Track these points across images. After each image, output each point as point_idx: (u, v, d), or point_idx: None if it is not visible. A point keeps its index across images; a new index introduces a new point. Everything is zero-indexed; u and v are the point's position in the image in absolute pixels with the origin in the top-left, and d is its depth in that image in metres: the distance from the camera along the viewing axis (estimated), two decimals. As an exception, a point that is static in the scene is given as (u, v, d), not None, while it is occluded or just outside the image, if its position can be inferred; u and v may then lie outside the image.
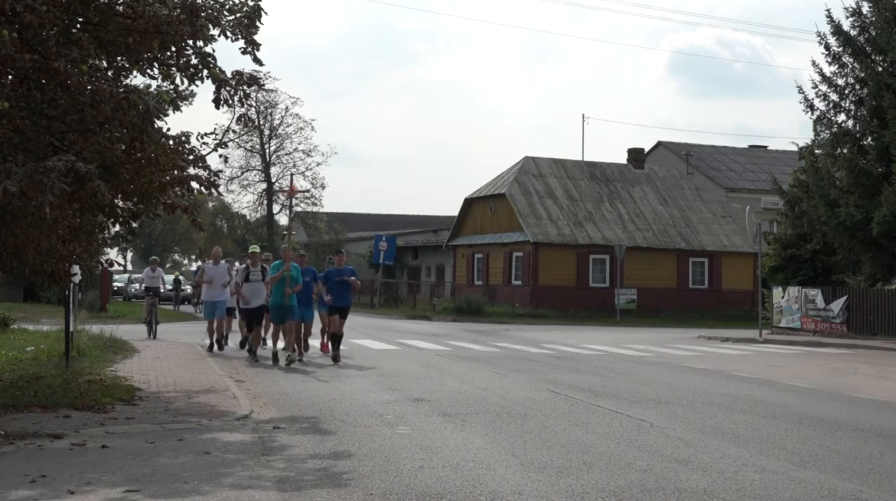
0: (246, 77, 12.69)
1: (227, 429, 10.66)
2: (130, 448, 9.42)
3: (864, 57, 31.64)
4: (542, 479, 8.09)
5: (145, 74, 12.83)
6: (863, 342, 27.93)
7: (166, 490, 7.58)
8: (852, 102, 32.30)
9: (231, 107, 13.12)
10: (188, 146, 12.94)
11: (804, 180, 33.47)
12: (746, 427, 11.28)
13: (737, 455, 9.41)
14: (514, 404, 12.91)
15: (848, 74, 32.32)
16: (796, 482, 8.17)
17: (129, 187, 12.68)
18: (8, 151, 10.85)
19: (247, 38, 12.38)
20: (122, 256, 69.53)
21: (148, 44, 11.92)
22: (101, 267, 16.42)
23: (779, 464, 8.94)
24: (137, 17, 11.71)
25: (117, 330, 22.68)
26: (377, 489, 7.62)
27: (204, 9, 12.04)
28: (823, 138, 32.71)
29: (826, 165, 32.07)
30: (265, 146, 67.87)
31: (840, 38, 32.19)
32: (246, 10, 12.36)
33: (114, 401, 12.37)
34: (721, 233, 51.00)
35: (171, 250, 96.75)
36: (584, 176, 51.72)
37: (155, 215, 13.71)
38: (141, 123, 11.69)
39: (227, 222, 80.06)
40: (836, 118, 32.49)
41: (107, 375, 15.25)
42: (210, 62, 12.30)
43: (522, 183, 49.40)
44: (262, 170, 68.32)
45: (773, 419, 12.09)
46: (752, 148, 66.77)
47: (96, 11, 11.88)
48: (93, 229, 14.00)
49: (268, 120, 67.05)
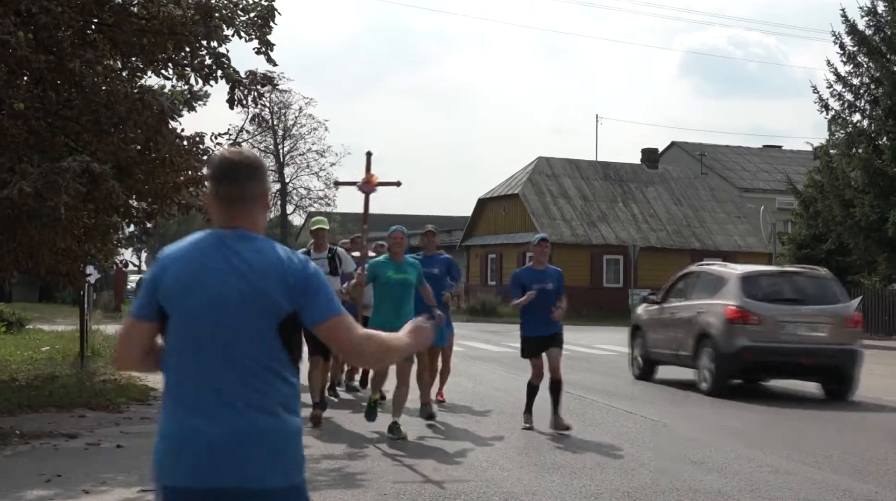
0: (260, 77, 12.71)
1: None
2: (145, 447, 9.41)
3: (880, 56, 31.55)
4: (555, 480, 8.08)
5: (160, 74, 12.86)
6: (878, 343, 27.78)
7: (180, 490, 7.58)
8: (867, 101, 32.21)
9: (245, 107, 13.14)
10: (202, 147, 12.96)
11: (819, 180, 33.39)
12: (760, 428, 11.25)
13: (751, 455, 9.38)
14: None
15: (863, 74, 32.24)
16: (811, 482, 8.14)
17: (144, 188, 12.70)
18: (23, 152, 10.89)
19: (260, 39, 12.40)
20: (136, 256, 69.82)
21: (162, 44, 11.96)
22: (115, 267, 16.41)
23: (793, 465, 8.91)
24: (152, 18, 11.74)
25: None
26: (391, 489, 7.62)
27: (218, 9, 12.06)
28: (838, 138, 32.63)
29: (841, 165, 31.96)
30: (279, 147, 67.93)
31: (855, 38, 32.10)
32: (260, 10, 12.38)
33: (129, 401, 12.41)
34: (735, 233, 50.84)
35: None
36: (598, 176, 51.63)
37: (169, 215, 13.73)
38: (155, 123, 11.71)
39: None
40: (851, 118, 32.43)
41: (121, 375, 15.28)
42: (224, 62, 12.32)
43: (536, 183, 49.35)
44: (275, 170, 68.38)
45: (787, 420, 12.05)
46: (767, 148, 66.51)
47: (111, 12, 11.92)
48: (107, 229, 14.04)
49: (281, 120, 67.10)
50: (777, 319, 14.16)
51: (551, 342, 10.79)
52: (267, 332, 3.21)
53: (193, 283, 3.22)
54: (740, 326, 14.13)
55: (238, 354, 3.19)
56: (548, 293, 10.71)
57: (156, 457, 3.23)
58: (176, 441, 3.19)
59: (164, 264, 3.30)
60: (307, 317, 3.27)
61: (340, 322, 3.32)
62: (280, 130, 67.83)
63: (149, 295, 3.29)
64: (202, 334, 3.20)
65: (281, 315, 3.21)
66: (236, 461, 3.13)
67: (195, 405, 3.18)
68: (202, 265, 3.25)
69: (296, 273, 3.24)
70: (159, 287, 3.26)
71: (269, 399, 3.19)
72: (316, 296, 3.27)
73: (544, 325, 10.74)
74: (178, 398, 3.26)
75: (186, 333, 3.22)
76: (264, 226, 3.44)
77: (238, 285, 3.19)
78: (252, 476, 3.13)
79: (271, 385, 3.20)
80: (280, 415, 3.20)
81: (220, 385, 3.18)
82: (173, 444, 3.19)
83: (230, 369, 3.18)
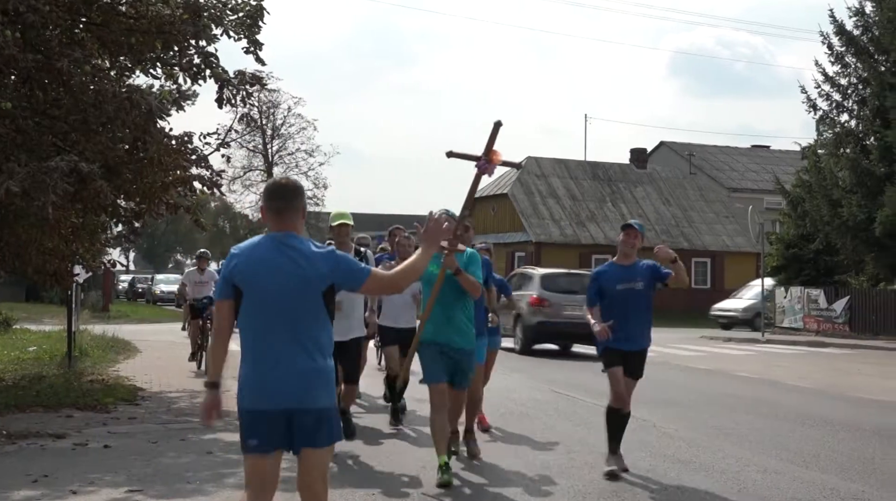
0: (248, 77, 12.70)
1: (229, 429, 10.60)
2: (133, 448, 9.41)
3: (868, 57, 31.60)
4: (544, 479, 8.09)
5: (148, 73, 12.84)
6: (865, 343, 27.88)
7: (169, 490, 7.58)
8: (855, 101, 32.26)
9: (234, 107, 13.13)
10: (191, 146, 12.93)
11: (807, 180, 33.43)
12: (748, 428, 11.26)
13: (739, 455, 9.40)
14: (518, 404, 12.90)
15: (851, 74, 32.28)
16: (799, 481, 8.16)
17: (132, 187, 12.67)
18: (11, 152, 10.86)
19: (249, 38, 12.39)
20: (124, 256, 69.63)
21: (151, 44, 11.93)
22: (103, 267, 16.31)
23: (781, 464, 8.93)
24: (140, 17, 11.72)
25: (120, 330, 22.69)
26: (378, 488, 7.62)
27: (206, 8, 12.05)
28: (826, 138, 32.67)
29: (829, 165, 32.00)
30: (268, 146, 67.79)
31: (843, 38, 32.15)
32: (248, 9, 12.37)
33: (116, 401, 12.37)
34: (724, 233, 50.95)
35: (173, 251, 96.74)
36: (587, 176, 51.67)
37: (157, 215, 13.70)
38: (144, 123, 11.69)
39: (229, 222, 79.98)
40: (838, 118, 32.46)
41: (109, 375, 15.26)
42: (213, 62, 12.30)
43: (525, 183, 49.36)
44: (264, 170, 68.22)
45: (776, 419, 12.07)
46: (755, 148, 66.61)
47: (99, 11, 11.89)
48: (95, 229, 14.00)
49: (270, 120, 66.93)
50: (561, 303, 21.47)
51: (635, 362, 8.65)
52: (316, 298, 4.76)
53: (261, 269, 4.76)
54: (538, 308, 21.64)
55: (295, 316, 4.73)
56: (637, 295, 8.48)
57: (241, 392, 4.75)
58: (251, 380, 4.73)
59: (236, 255, 4.87)
60: (347, 285, 4.91)
61: (374, 276, 4.95)
62: (269, 129, 67.69)
63: (225, 280, 4.85)
64: (269, 305, 4.72)
65: (323, 286, 4.77)
66: (299, 390, 4.69)
67: (267, 353, 4.72)
68: (263, 258, 4.78)
69: (326, 257, 4.80)
70: (234, 273, 4.81)
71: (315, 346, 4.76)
72: (348, 268, 4.85)
73: (630, 337, 8.48)
74: (252, 350, 4.77)
75: (260, 305, 4.74)
76: (302, 229, 4.96)
77: (293, 269, 4.73)
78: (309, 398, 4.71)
79: (317, 337, 4.78)
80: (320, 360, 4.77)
81: (283, 338, 4.71)
82: (251, 382, 4.73)
83: (290, 328, 4.72)
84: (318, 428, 4.71)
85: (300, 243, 4.80)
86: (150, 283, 58.12)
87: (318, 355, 4.73)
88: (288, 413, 4.66)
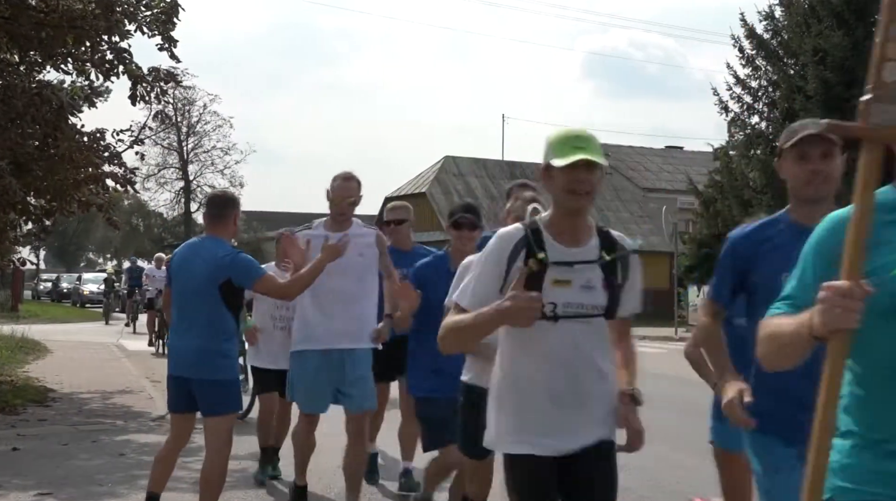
0: (163, 74, 12.56)
1: (142, 430, 10.51)
2: (43, 450, 9.23)
3: (777, 60, 32.29)
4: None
5: (59, 69, 12.63)
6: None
7: (80, 493, 7.45)
8: (765, 104, 32.93)
9: (148, 104, 12.98)
10: (103, 143, 12.76)
11: (719, 181, 34.03)
12: (664, 425, 11.41)
13: (656, 452, 9.51)
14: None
15: (761, 77, 32.94)
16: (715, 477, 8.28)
17: (43, 184, 12.45)
18: (-85, 147, 10.58)
19: (164, 35, 12.25)
20: (34, 254, 68.18)
21: (62, 38, 11.72)
22: (12, 266, 15.98)
23: (697, 461, 9.07)
24: (51, 11, 11.51)
25: (29, 330, 22.21)
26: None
27: (120, 3, 11.87)
28: (737, 140, 33.31)
29: (740, 166, 32.63)
30: (183, 144, 67.04)
31: (753, 42, 32.79)
32: (163, 5, 12.22)
33: (25, 403, 12.11)
34: (639, 232, 51.61)
35: (85, 250, 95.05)
36: (505, 175, 51.93)
37: (69, 212, 13.49)
38: (54, 119, 11.50)
39: (143, 220, 78.89)
40: (749, 120, 33.12)
41: (18, 376, 14.93)
42: (126, 58, 12.14)
43: (443, 182, 49.50)
44: (179, 168, 67.47)
45: (689, 415, 12.25)
46: (669, 148, 67.54)
47: (8, 5, 11.64)
48: (4, 226, 13.70)
49: (185, 117, 66.18)
50: None
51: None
52: (214, 291, 5.90)
53: (182, 264, 6.12)
54: None
55: (198, 302, 5.97)
56: None
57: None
58: (172, 353, 6.25)
59: (175, 253, 6.34)
60: (240, 281, 5.95)
61: (266, 278, 6.07)
62: (184, 127, 66.96)
63: (168, 271, 6.48)
64: (185, 294, 6.04)
65: (221, 280, 5.89)
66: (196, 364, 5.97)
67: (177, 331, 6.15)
68: (184, 255, 6.18)
69: (225, 257, 5.95)
70: (170, 266, 6.35)
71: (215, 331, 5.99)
72: (244, 267, 5.98)
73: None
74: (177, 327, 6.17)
75: (179, 294, 6.09)
76: (233, 233, 6.20)
77: (200, 265, 5.99)
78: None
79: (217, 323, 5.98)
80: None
81: (192, 322, 6.02)
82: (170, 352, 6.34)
83: (194, 311, 6.00)
84: (210, 397, 5.97)
85: (215, 244, 5.99)
86: (77, 283, 53.72)
87: (212, 336, 5.93)
88: (185, 381, 6.00)
